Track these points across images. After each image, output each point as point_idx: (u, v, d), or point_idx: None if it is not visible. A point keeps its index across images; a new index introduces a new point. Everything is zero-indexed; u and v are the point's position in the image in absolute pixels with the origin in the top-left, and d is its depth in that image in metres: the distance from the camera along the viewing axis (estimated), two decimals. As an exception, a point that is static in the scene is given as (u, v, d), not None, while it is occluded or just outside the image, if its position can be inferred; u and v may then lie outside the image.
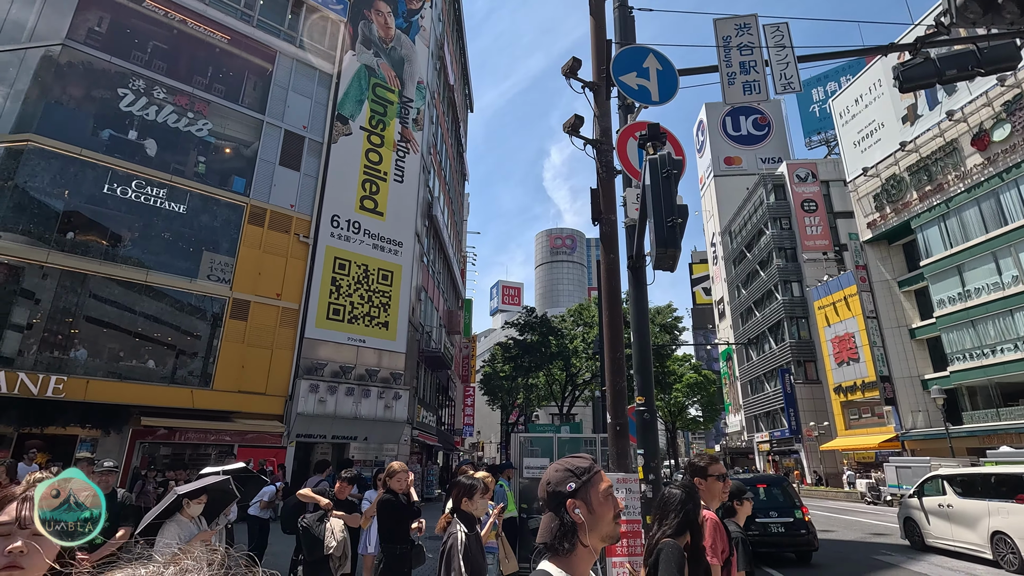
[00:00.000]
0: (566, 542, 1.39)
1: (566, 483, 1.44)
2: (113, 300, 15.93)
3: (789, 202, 43.68)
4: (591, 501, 1.42)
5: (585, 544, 1.39)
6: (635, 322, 6.22)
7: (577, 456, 1.53)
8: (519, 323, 34.47)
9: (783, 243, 43.77)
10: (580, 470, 1.46)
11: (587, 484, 1.44)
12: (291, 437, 17.24)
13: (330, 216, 20.01)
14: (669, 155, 4.01)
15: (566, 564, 1.39)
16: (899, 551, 11.99)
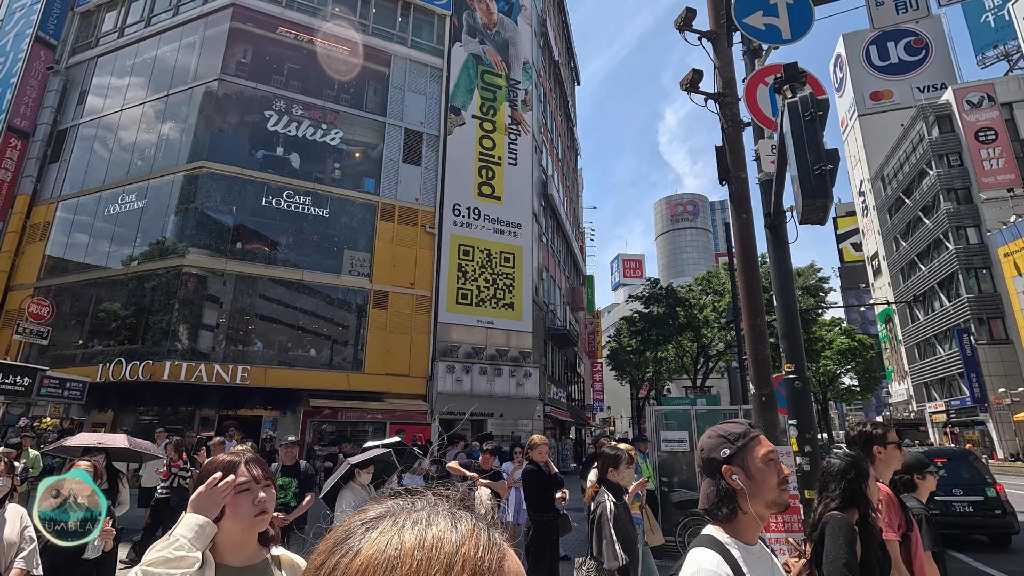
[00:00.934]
0: (725, 508, 1.38)
1: (720, 449, 1.42)
2: (277, 299, 18.22)
3: (958, 134, 37.24)
4: (749, 467, 1.38)
5: (746, 511, 1.36)
6: (778, 284, 5.78)
7: (732, 422, 1.49)
8: (643, 296, 33.56)
9: (952, 183, 37.51)
10: (734, 435, 1.43)
11: (743, 449, 1.41)
12: (434, 414, 18.57)
13: (451, 205, 20.94)
14: (811, 96, 3.61)
15: (731, 530, 1.38)
16: None
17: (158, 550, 1.27)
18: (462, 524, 0.49)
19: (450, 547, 0.46)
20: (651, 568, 4.87)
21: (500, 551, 0.48)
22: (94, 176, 20.15)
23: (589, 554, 3.14)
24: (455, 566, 0.45)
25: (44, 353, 17.63)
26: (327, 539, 0.51)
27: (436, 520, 0.49)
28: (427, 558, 0.45)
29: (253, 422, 16.99)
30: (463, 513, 0.51)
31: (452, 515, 0.50)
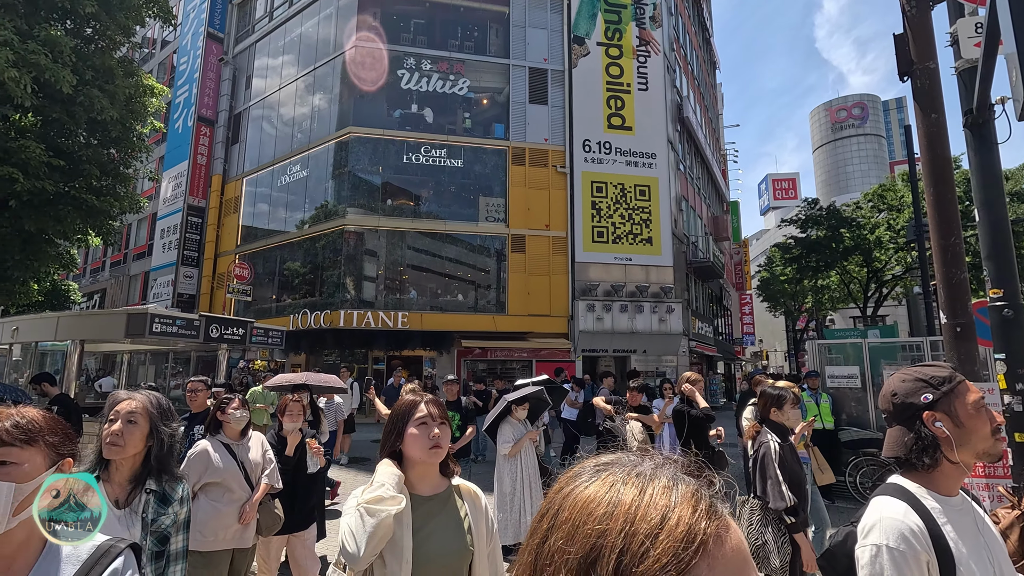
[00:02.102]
0: (926, 458, 1.27)
1: (919, 394, 1.30)
2: (424, 249, 19.62)
3: None
4: (957, 414, 1.25)
5: (953, 460, 1.24)
6: (982, 194, 4.87)
7: (931, 364, 1.34)
8: (799, 219, 30.22)
9: None
10: (938, 380, 1.29)
11: (950, 395, 1.27)
12: (577, 352, 19.02)
13: (581, 142, 20.42)
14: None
15: (926, 480, 1.27)
16: None
17: (370, 492, 1.53)
18: (683, 487, 0.50)
19: (665, 504, 0.48)
20: (820, 508, 4.65)
21: (721, 521, 0.48)
22: (266, 152, 22.92)
23: (752, 493, 3.09)
24: (668, 522, 0.46)
25: (249, 308, 21.06)
26: (564, 474, 0.57)
27: (660, 478, 0.51)
28: (643, 508, 0.48)
29: (415, 361, 18.89)
30: (689, 479, 0.52)
31: (676, 477, 0.52)
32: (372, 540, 1.46)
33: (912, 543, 1.17)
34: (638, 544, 0.46)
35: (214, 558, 3.08)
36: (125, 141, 9.37)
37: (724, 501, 0.52)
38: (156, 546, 1.88)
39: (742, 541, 0.49)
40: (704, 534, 0.46)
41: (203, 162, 24.66)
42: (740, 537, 0.49)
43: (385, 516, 1.47)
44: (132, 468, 1.92)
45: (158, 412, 1.97)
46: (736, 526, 0.50)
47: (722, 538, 0.47)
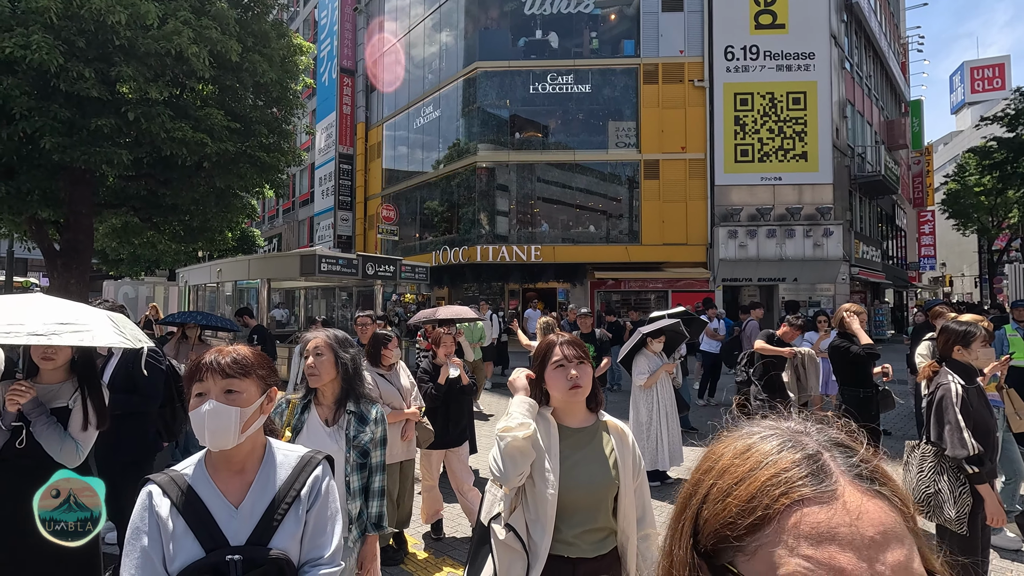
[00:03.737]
0: None
1: None
2: (554, 181, 19.48)
3: None
4: None
5: None
6: None
7: None
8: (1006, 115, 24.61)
9: None
10: None
11: None
12: (717, 282, 18.03)
13: (723, 49, 18.33)
14: None
15: None
16: None
17: (503, 421, 1.67)
18: (789, 454, 0.49)
19: (753, 464, 0.49)
20: (1014, 457, 4.07)
21: (800, 492, 0.46)
22: (401, 96, 23.92)
23: (926, 438, 2.79)
24: (745, 481, 0.49)
25: (396, 246, 22.89)
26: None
27: (771, 440, 0.52)
28: (736, 463, 0.51)
29: (549, 293, 19.33)
30: (805, 445, 0.50)
31: (792, 443, 0.50)
32: (509, 462, 1.62)
33: None
34: (713, 496, 0.50)
35: (390, 469, 3.62)
36: (284, 100, 10.38)
37: (863, 479, 0.47)
38: (359, 458, 2.24)
39: (850, 522, 0.44)
40: (772, 499, 0.46)
41: (348, 112, 26.49)
42: (848, 517, 0.44)
43: (511, 439, 1.61)
44: (334, 393, 2.29)
45: (337, 343, 2.30)
46: (861, 506, 0.45)
47: (802, 508, 0.45)
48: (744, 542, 0.46)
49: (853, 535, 0.43)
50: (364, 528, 2.21)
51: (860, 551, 0.42)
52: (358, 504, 2.19)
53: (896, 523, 0.45)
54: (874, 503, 0.45)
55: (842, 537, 0.43)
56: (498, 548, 1.72)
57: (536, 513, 1.69)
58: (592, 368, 1.80)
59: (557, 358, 1.76)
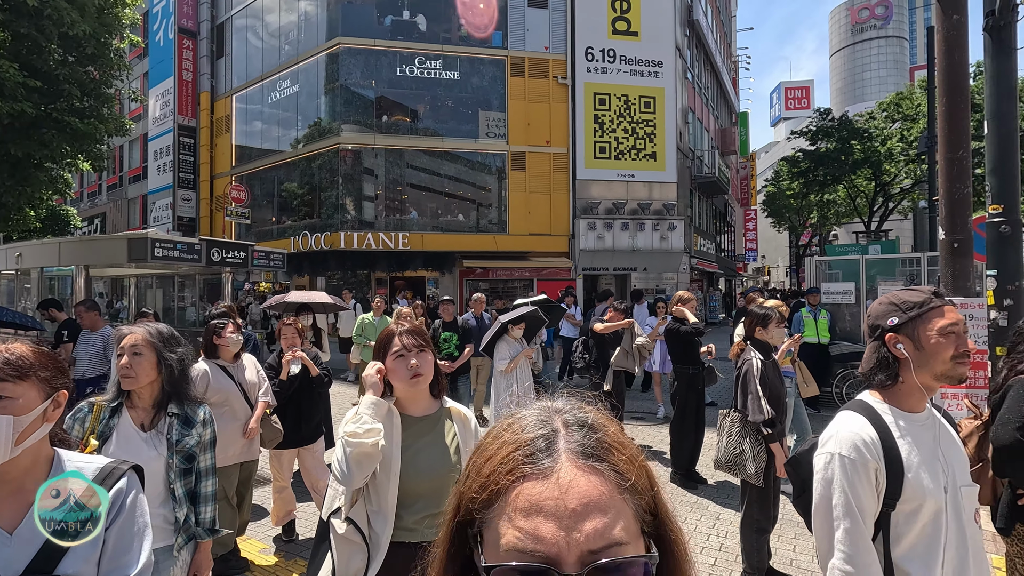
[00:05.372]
0: (881, 375, 1.37)
1: (887, 317, 1.37)
2: (423, 168, 19.21)
3: None
4: (919, 338, 1.31)
5: (905, 380, 1.32)
6: (994, 105, 4.68)
7: (912, 289, 1.39)
8: (809, 130, 29.17)
9: None
10: (908, 304, 1.34)
11: (916, 320, 1.32)
12: (578, 271, 19.15)
13: (584, 49, 19.34)
14: None
15: (891, 396, 1.37)
16: None
17: (350, 424, 1.62)
18: (525, 435, 0.54)
19: (499, 445, 0.54)
20: (803, 419, 4.88)
21: (522, 470, 0.51)
22: (254, 66, 21.86)
23: (734, 406, 3.24)
24: (491, 460, 0.53)
25: (250, 231, 21.02)
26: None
27: (523, 422, 0.56)
28: (487, 443, 0.55)
29: (418, 282, 19.11)
30: (537, 427, 0.54)
31: (536, 425, 0.54)
32: (355, 467, 1.58)
33: (863, 452, 1.28)
34: (471, 470, 0.55)
35: (226, 471, 3.33)
36: (103, 58, 8.92)
37: (586, 457, 0.51)
38: (183, 463, 2.03)
39: (557, 495, 0.48)
40: (502, 475, 0.51)
41: (189, 78, 23.61)
42: (556, 491, 0.48)
43: (358, 445, 1.57)
44: (152, 395, 2.04)
45: (160, 341, 2.05)
46: (573, 481, 0.49)
47: (522, 483, 0.50)
48: (484, 515, 0.51)
49: (558, 507, 0.47)
50: (194, 535, 2.04)
51: (561, 520, 0.47)
52: (184, 511, 2.01)
53: (603, 495, 0.49)
54: (587, 478, 0.49)
55: (548, 509, 0.48)
56: (337, 543, 1.67)
57: (378, 504, 1.67)
58: (434, 356, 1.81)
59: (396, 348, 1.75)
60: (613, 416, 0.59)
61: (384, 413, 1.68)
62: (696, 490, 4.87)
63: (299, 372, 3.95)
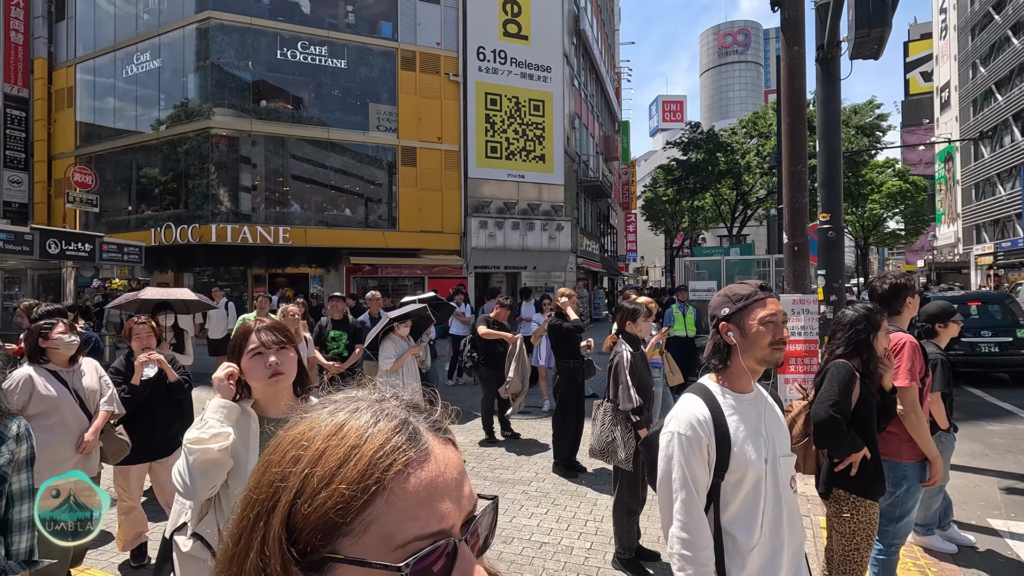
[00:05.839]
0: (717, 360, 1.53)
1: (721, 307, 1.52)
2: (308, 158, 18.16)
3: (1078, -74, 30.89)
4: (745, 326, 1.47)
5: (734, 364, 1.47)
6: (823, 127, 5.38)
7: (743, 283, 1.55)
8: (682, 142, 31.84)
9: (1057, -8, 32.09)
10: (738, 296, 1.51)
11: (743, 310, 1.49)
12: (469, 269, 19.23)
13: (475, 49, 19.43)
14: None
15: (725, 379, 1.52)
16: None
17: (195, 430, 1.48)
18: (385, 424, 0.50)
19: (355, 441, 0.48)
20: (669, 406, 5.29)
21: (406, 457, 0.48)
22: (104, 34, 19.30)
23: (607, 397, 3.44)
24: (350, 461, 0.47)
25: (100, 220, 18.54)
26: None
27: (363, 414, 0.51)
28: (332, 445, 0.48)
29: (301, 279, 18.06)
30: (398, 413, 0.52)
31: (383, 413, 0.51)
32: (200, 476, 1.45)
33: (697, 430, 1.43)
34: (313, 486, 0.46)
35: (57, 492, 2.89)
36: None
37: (438, 431, 0.53)
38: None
39: (442, 472, 0.49)
40: (383, 471, 0.46)
41: (19, 40, 20.30)
42: (440, 468, 0.49)
43: (202, 452, 1.44)
44: None
45: None
46: (444, 455, 0.50)
47: (409, 472, 0.47)
48: (354, 523, 0.45)
49: (447, 482, 0.49)
50: (4, 569, 1.75)
51: (451, 493, 0.49)
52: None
53: (461, 460, 0.53)
54: (450, 449, 0.53)
55: (440, 486, 0.49)
56: (181, 561, 1.52)
57: (230, 515, 1.54)
58: (296, 353, 1.71)
59: (254, 345, 1.63)
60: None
61: (235, 417, 1.55)
62: (576, 479, 5.10)
63: (154, 377, 3.55)
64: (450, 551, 0.47)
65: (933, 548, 3.76)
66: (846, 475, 2.41)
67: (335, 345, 6.46)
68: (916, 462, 2.72)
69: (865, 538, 2.45)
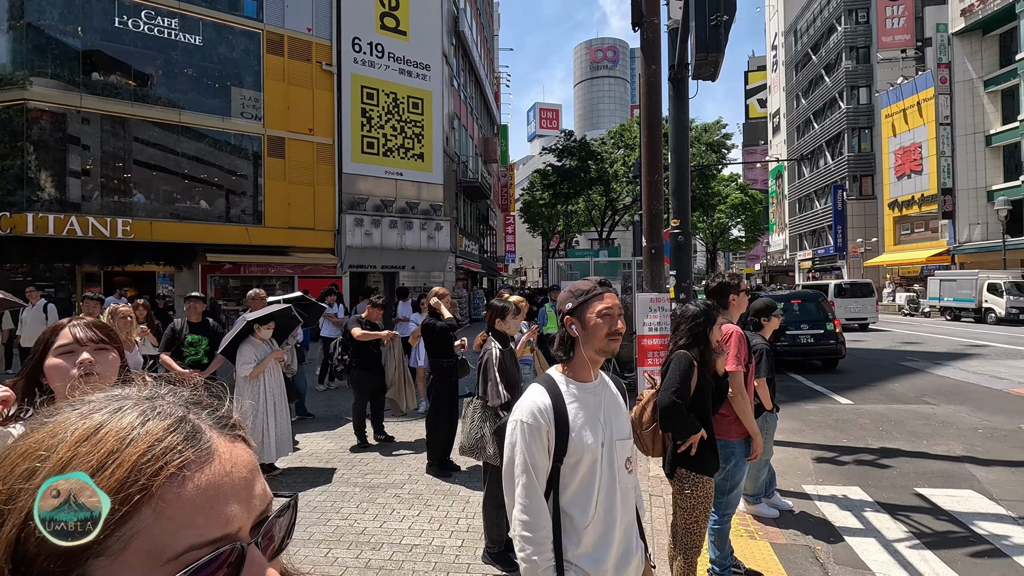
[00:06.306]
0: (562, 351, 1.62)
1: (566, 303, 1.61)
2: (155, 143, 16.16)
3: (871, -12, 37.39)
4: (584, 319, 1.56)
5: (577, 355, 1.57)
6: (674, 141, 5.92)
7: (586, 279, 1.64)
8: (557, 148, 33.33)
9: (856, 41, 38.52)
10: (579, 292, 1.60)
11: (583, 304, 1.58)
12: (344, 268, 18.41)
13: (350, 39, 18.66)
14: (718, -63, 3.38)
15: (568, 369, 1.61)
16: (926, 358, 12.52)
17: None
18: (156, 423, 0.44)
19: (113, 446, 0.41)
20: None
21: (181, 459, 0.43)
22: None
23: (476, 394, 3.48)
24: (106, 469, 0.40)
25: None
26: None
27: (127, 414, 0.44)
28: (83, 453, 0.41)
29: (146, 278, 16.05)
30: (173, 412, 0.46)
31: (154, 411, 0.45)
32: None
33: (538, 418, 1.51)
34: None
35: None
36: None
37: (224, 428, 0.49)
38: None
39: (228, 472, 0.45)
40: (149, 476, 0.40)
41: None
42: (226, 468, 0.45)
43: None
44: None
45: None
46: (232, 454, 0.47)
47: (185, 475, 0.42)
48: (109, 541, 0.39)
49: (233, 482, 0.45)
50: None
51: (239, 493, 0.45)
52: None
53: (253, 458, 0.50)
54: (240, 447, 0.49)
55: (225, 488, 0.44)
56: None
57: None
58: (121, 359, 1.50)
59: (65, 342, 1.38)
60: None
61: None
62: (450, 478, 5.10)
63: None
64: (235, 558, 0.43)
65: (760, 515, 4.30)
66: (687, 455, 2.66)
67: (193, 351, 5.81)
68: (742, 439, 3.09)
69: (703, 511, 2.74)
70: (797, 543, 3.92)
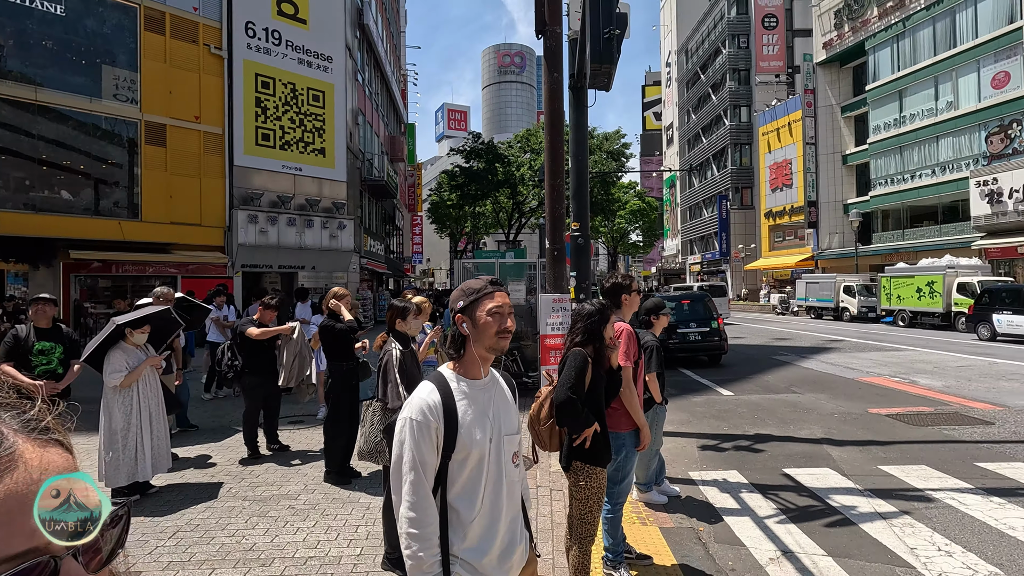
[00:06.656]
0: (454, 349, 1.63)
1: (457, 301, 1.62)
2: (5, 122, 14.09)
3: (751, 16, 41.15)
4: (475, 317, 1.57)
5: (468, 352, 1.58)
6: (574, 147, 6.13)
7: (477, 279, 1.65)
8: (465, 150, 33.32)
9: (738, 64, 42.25)
10: (471, 291, 1.62)
11: (474, 303, 1.60)
12: (236, 267, 17.16)
13: (243, 23, 17.46)
14: (612, -45, 3.56)
15: (459, 366, 1.62)
16: (794, 352, 13.98)
17: None
18: None
19: None
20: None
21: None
22: None
23: (376, 396, 3.39)
24: None
25: None
26: None
27: None
28: None
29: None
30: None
31: None
32: None
33: (427, 415, 1.50)
34: None
35: None
36: None
37: (33, 431, 0.45)
38: None
39: (37, 479, 0.42)
40: None
41: None
42: (33, 475, 0.42)
43: None
44: None
45: None
46: (43, 459, 0.44)
47: None
48: None
49: (38, 491, 0.42)
50: None
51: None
52: None
53: (71, 463, 0.47)
54: (53, 451, 0.46)
55: (31, 497, 0.41)
56: None
57: None
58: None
59: None
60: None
61: None
62: (350, 485, 4.91)
63: None
64: (47, 573, 0.40)
65: (651, 502, 4.57)
66: (582, 448, 2.77)
67: (44, 359, 5.12)
68: (632, 431, 3.27)
69: (597, 501, 2.86)
70: (683, 526, 4.22)
